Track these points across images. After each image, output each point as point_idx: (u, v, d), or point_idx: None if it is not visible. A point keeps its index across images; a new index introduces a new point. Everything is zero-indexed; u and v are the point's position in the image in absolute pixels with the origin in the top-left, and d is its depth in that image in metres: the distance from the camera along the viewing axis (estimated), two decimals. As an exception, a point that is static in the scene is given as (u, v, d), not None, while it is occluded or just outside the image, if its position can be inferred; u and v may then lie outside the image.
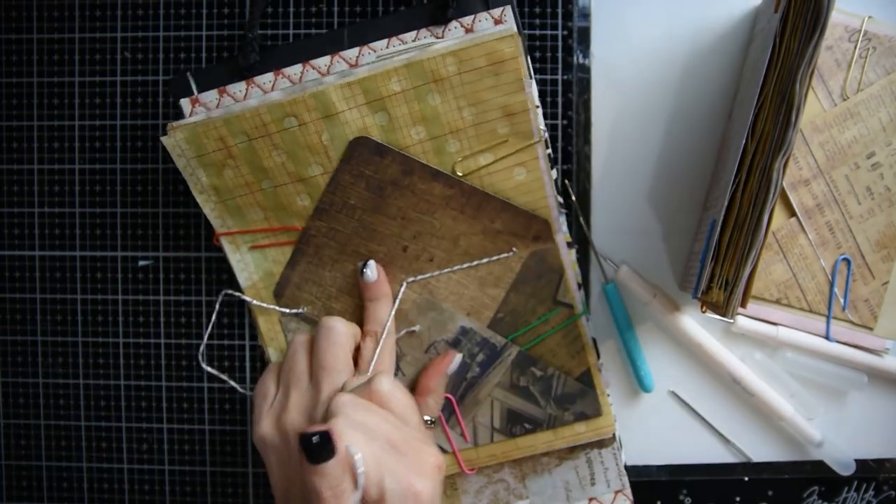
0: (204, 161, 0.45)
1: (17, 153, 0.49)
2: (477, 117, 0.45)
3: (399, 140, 0.45)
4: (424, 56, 0.43)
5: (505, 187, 0.46)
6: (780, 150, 0.37)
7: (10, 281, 0.50)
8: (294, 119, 0.44)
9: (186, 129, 0.44)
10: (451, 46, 0.43)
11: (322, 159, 0.45)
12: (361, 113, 0.44)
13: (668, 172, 0.49)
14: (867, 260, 0.47)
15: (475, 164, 0.45)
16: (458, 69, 0.43)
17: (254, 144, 0.44)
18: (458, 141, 0.45)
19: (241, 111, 0.44)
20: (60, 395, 0.50)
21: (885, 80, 0.46)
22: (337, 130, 0.44)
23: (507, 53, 0.43)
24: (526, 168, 0.46)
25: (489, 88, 0.44)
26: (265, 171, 0.45)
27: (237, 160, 0.45)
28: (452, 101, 0.44)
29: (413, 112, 0.44)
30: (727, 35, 0.48)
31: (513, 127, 0.45)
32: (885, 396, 0.49)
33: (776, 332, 0.47)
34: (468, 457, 0.48)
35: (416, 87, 0.44)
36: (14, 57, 0.49)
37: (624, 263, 0.48)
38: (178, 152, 0.44)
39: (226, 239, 0.47)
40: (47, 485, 0.51)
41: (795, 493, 0.49)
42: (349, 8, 0.48)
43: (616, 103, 0.49)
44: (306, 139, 0.44)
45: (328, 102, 0.44)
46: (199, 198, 0.46)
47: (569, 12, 0.48)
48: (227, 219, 0.46)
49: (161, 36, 0.48)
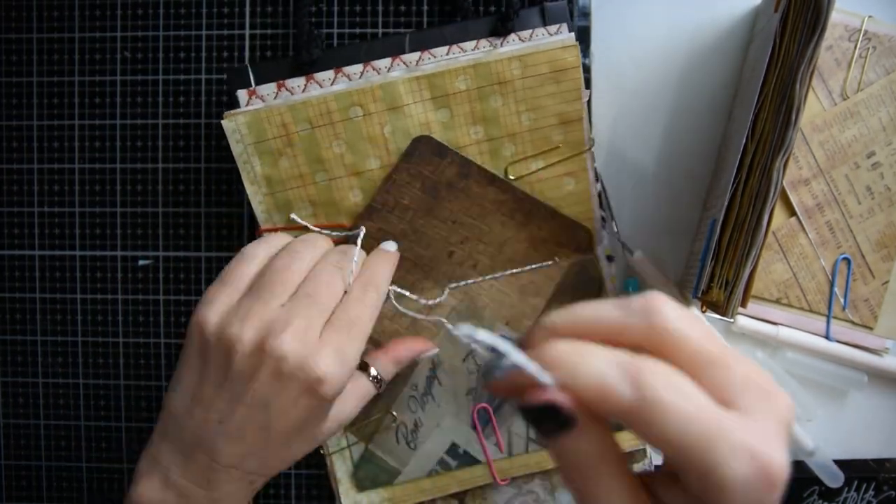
0: (261, 148, 0.44)
1: (17, 153, 0.49)
2: (534, 122, 0.45)
3: (457, 138, 0.45)
4: (491, 58, 0.44)
5: (554, 196, 0.46)
6: (780, 149, 0.37)
7: (10, 281, 0.50)
8: (360, 108, 0.44)
9: (248, 114, 0.44)
10: (517, 51, 0.44)
11: (381, 152, 0.45)
12: (426, 108, 0.44)
13: (668, 172, 0.49)
14: (867, 259, 0.47)
15: (526, 168, 0.45)
16: (522, 73, 0.44)
17: (315, 133, 0.44)
18: (513, 144, 0.45)
19: (307, 98, 0.44)
20: (60, 395, 0.50)
21: (886, 79, 0.46)
22: (400, 123, 0.45)
23: (570, 62, 0.44)
24: (574, 178, 0.46)
25: (548, 95, 0.44)
26: (322, 161, 0.45)
27: (295, 149, 0.44)
28: (513, 105, 0.45)
29: (475, 111, 0.45)
30: (727, 35, 0.48)
31: (566, 135, 0.45)
32: (886, 396, 0.49)
33: (776, 332, 0.47)
34: (501, 467, 0.48)
35: (481, 88, 0.44)
36: (14, 57, 0.49)
37: (638, 249, 0.48)
38: (236, 137, 0.44)
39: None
40: (47, 485, 0.51)
41: (795, 493, 0.49)
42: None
43: (616, 103, 0.49)
44: (369, 130, 0.45)
45: (395, 94, 0.44)
46: (249, 189, 0.45)
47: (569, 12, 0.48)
48: (274, 213, 0.46)
49: (161, 36, 0.48)
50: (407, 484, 0.48)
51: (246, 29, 0.48)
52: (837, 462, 0.48)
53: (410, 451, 0.48)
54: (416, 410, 0.48)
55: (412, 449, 0.48)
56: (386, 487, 0.48)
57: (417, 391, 0.48)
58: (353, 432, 0.48)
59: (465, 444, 0.48)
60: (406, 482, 0.48)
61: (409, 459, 0.48)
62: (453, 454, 0.48)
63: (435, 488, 0.48)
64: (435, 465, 0.48)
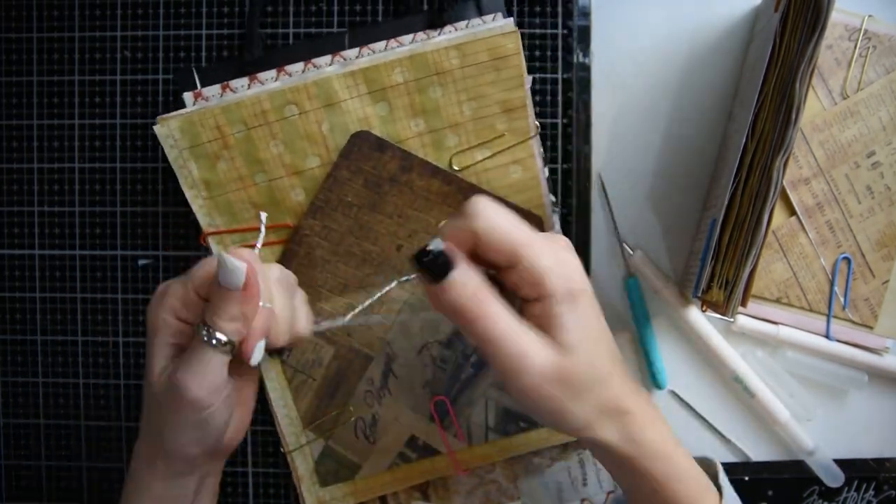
0: (197, 152, 0.44)
1: (17, 153, 0.49)
2: (476, 112, 0.45)
3: (398, 132, 0.45)
4: (427, 48, 0.43)
5: (501, 185, 0.46)
6: (780, 149, 0.37)
7: (10, 280, 0.50)
8: (295, 107, 0.44)
9: (181, 119, 0.44)
10: (455, 40, 0.44)
11: (320, 150, 0.45)
12: (363, 102, 0.44)
13: (668, 172, 0.49)
14: (867, 259, 0.47)
15: (471, 158, 0.45)
16: (460, 63, 0.44)
17: (251, 134, 0.44)
18: (456, 135, 0.45)
19: (240, 99, 0.44)
20: (60, 394, 0.50)
21: (885, 79, 0.46)
22: (337, 120, 0.44)
23: (510, 49, 0.44)
24: (521, 166, 0.46)
25: (489, 83, 0.44)
26: (261, 163, 0.45)
27: (232, 151, 0.44)
28: (453, 95, 0.44)
29: (414, 104, 0.44)
30: (727, 35, 0.48)
31: (511, 123, 0.45)
32: (886, 396, 0.49)
33: (776, 332, 0.47)
34: (462, 458, 0.48)
35: (419, 79, 0.44)
36: (14, 56, 0.49)
37: (638, 249, 0.48)
38: (170, 143, 0.44)
39: (213, 238, 0.46)
40: (47, 485, 0.51)
41: (795, 493, 0.49)
42: (349, 7, 0.48)
43: (616, 103, 0.49)
44: (306, 128, 0.44)
45: (330, 90, 0.44)
46: (188, 193, 0.45)
47: (569, 11, 0.48)
48: (216, 216, 0.46)
49: (161, 35, 0.48)
50: (369, 478, 0.48)
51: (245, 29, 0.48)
52: (837, 462, 0.48)
53: (370, 445, 0.48)
54: (372, 405, 0.48)
55: (371, 443, 0.48)
56: (348, 482, 0.48)
57: (374, 386, 0.48)
58: (312, 429, 0.48)
59: (425, 437, 0.48)
60: (368, 476, 0.48)
61: (369, 453, 0.48)
62: (413, 447, 0.48)
63: (396, 481, 0.48)
64: (395, 459, 0.48)
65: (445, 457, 0.48)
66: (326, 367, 0.47)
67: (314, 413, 0.48)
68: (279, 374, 0.48)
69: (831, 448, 0.49)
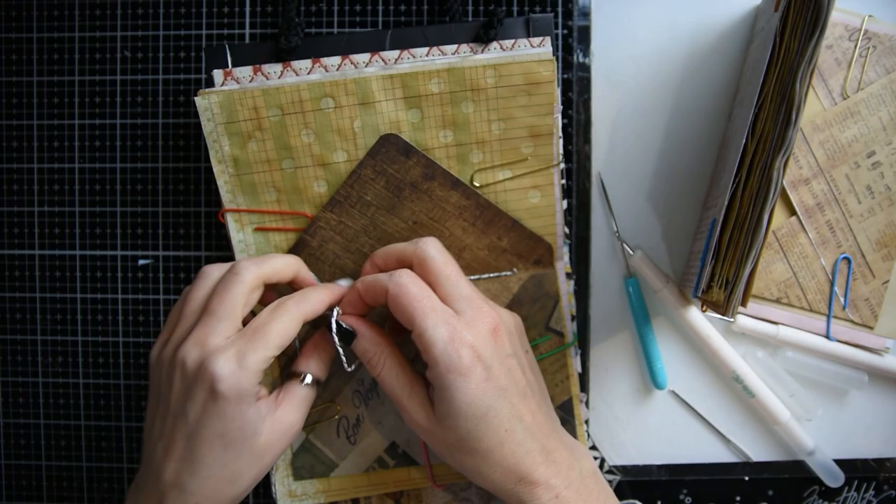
0: (231, 129, 0.45)
1: (17, 153, 0.49)
2: (504, 132, 0.45)
3: (426, 140, 0.45)
4: (466, 64, 0.44)
5: (518, 207, 0.46)
6: (780, 149, 0.37)
7: (10, 280, 0.50)
8: (331, 100, 0.44)
9: (223, 94, 0.44)
10: (493, 60, 0.44)
11: (349, 146, 0.45)
12: (397, 106, 0.45)
13: (668, 172, 0.49)
14: (867, 259, 0.47)
15: (493, 177, 0.46)
16: (495, 83, 0.44)
17: (285, 120, 0.44)
18: (481, 152, 0.45)
19: (280, 84, 0.44)
20: (60, 394, 0.50)
21: (886, 79, 0.46)
22: (370, 119, 0.45)
23: (544, 76, 0.44)
24: (541, 192, 0.46)
25: (521, 107, 0.45)
26: (290, 149, 0.45)
27: (265, 133, 0.45)
28: (484, 113, 0.45)
29: (445, 115, 0.45)
30: (727, 34, 0.48)
31: (536, 148, 0.45)
32: (886, 396, 0.49)
33: (776, 332, 0.47)
34: (439, 472, 0.48)
35: (453, 92, 0.44)
36: (14, 56, 0.49)
37: (638, 249, 0.48)
38: (207, 115, 0.44)
39: (232, 216, 0.46)
40: (47, 485, 0.51)
41: (795, 493, 0.49)
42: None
43: (616, 103, 0.49)
44: (338, 123, 0.45)
45: (368, 90, 0.44)
46: (216, 167, 0.45)
47: (569, 11, 0.48)
48: (239, 195, 0.46)
49: (161, 35, 0.48)
50: (343, 478, 0.48)
51: (246, 29, 0.48)
52: (837, 462, 0.48)
53: (350, 445, 0.48)
54: (359, 406, 0.48)
55: (352, 444, 0.48)
56: (322, 479, 0.48)
57: (363, 387, 0.48)
58: None
59: (405, 445, 0.48)
60: (343, 476, 0.48)
61: (348, 454, 0.48)
62: (392, 453, 0.48)
63: (371, 485, 0.48)
64: (373, 463, 0.48)
65: (422, 468, 0.48)
66: None
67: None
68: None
69: (831, 448, 0.49)
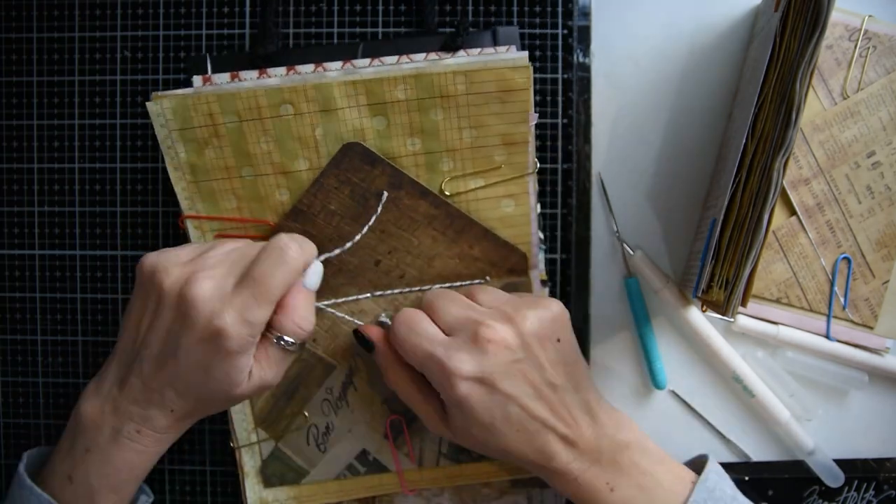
0: (186, 136, 0.44)
1: (17, 153, 0.49)
2: (476, 140, 0.44)
3: (393, 148, 0.44)
4: (435, 70, 0.43)
5: (491, 216, 0.45)
6: (780, 149, 0.37)
7: (10, 280, 0.50)
8: (290, 107, 0.43)
9: (175, 99, 0.43)
10: (464, 65, 0.43)
11: (311, 154, 0.44)
12: (360, 113, 0.44)
13: (668, 172, 0.49)
14: (867, 259, 0.47)
15: (464, 185, 0.45)
16: (466, 89, 0.43)
17: (243, 127, 0.44)
18: (451, 160, 0.45)
19: (236, 89, 0.43)
20: (60, 394, 0.50)
21: (886, 79, 0.46)
22: (332, 127, 0.44)
23: (519, 83, 0.43)
24: (514, 201, 0.45)
25: (494, 114, 0.44)
26: (249, 157, 0.44)
27: (222, 140, 0.44)
28: (455, 120, 0.44)
29: (413, 123, 0.44)
30: (727, 35, 0.48)
31: (510, 156, 0.45)
32: (886, 396, 0.49)
33: (776, 332, 0.47)
34: (411, 477, 0.48)
35: (421, 99, 0.43)
36: (14, 56, 0.49)
37: (638, 249, 0.48)
38: (160, 122, 0.43)
39: (192, 223, 0.46)
40: (47, 484, 0.51)
41: (795, 493, 0.49)
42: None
43: (616, 102, 0.49)
44: (299, 130, 0.44)
45: (329, 96, 0.43)
46: (172, 174, 0.45)
47: (569, 11, 0.48)
48: (198, 202, 0.45)
49: (161, 35, 0.48)
50: (314, 484, 0.48)
51: (246, 29, 0.48)
52: (837, 462, 0.48)
53: (320, 453, 0.48)
54: (328, 414, 0.48)
55: (322, 451, 0.48)
56: (293, 486, 0.48)
57: (332, 395, 0.48)
58: (264, 428, 0.48)
59: (376, 452, 0.48)
60: (313, 483, 0.48)
61: (318, 461, 0.48)
62: (363, 460, 0.48)
63: (342, 491, 0.48)
64: (343, 470, 0.48)
65: (393, 475, 0.48)
66: (287, 369, 0.47)
67: (269, 413, 0.48)
68: None
69: (831, 448, 0.49)
